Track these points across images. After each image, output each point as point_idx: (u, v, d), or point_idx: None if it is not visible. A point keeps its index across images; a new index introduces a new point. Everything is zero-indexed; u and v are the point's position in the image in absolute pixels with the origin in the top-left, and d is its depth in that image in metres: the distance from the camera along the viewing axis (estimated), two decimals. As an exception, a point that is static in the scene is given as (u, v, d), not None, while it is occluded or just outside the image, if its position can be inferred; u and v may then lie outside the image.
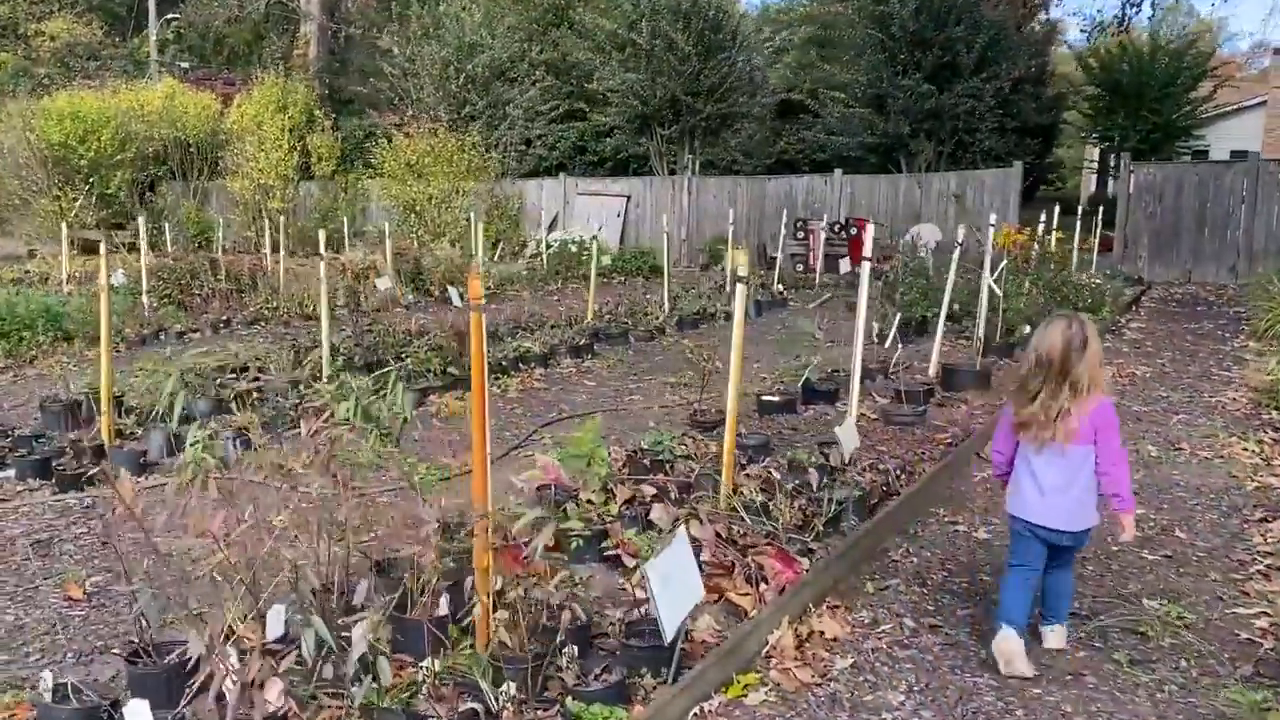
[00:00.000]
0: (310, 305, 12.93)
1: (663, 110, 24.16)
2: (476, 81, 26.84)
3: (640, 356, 10.29)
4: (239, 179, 27.17)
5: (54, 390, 8.62)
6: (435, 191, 17.95)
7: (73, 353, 10.44)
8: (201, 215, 28.53)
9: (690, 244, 23.77)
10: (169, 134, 27.66)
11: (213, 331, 11.70)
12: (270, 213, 27.67)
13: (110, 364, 6.61)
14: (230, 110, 28.35)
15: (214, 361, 8.91)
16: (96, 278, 17.82)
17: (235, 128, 27.78)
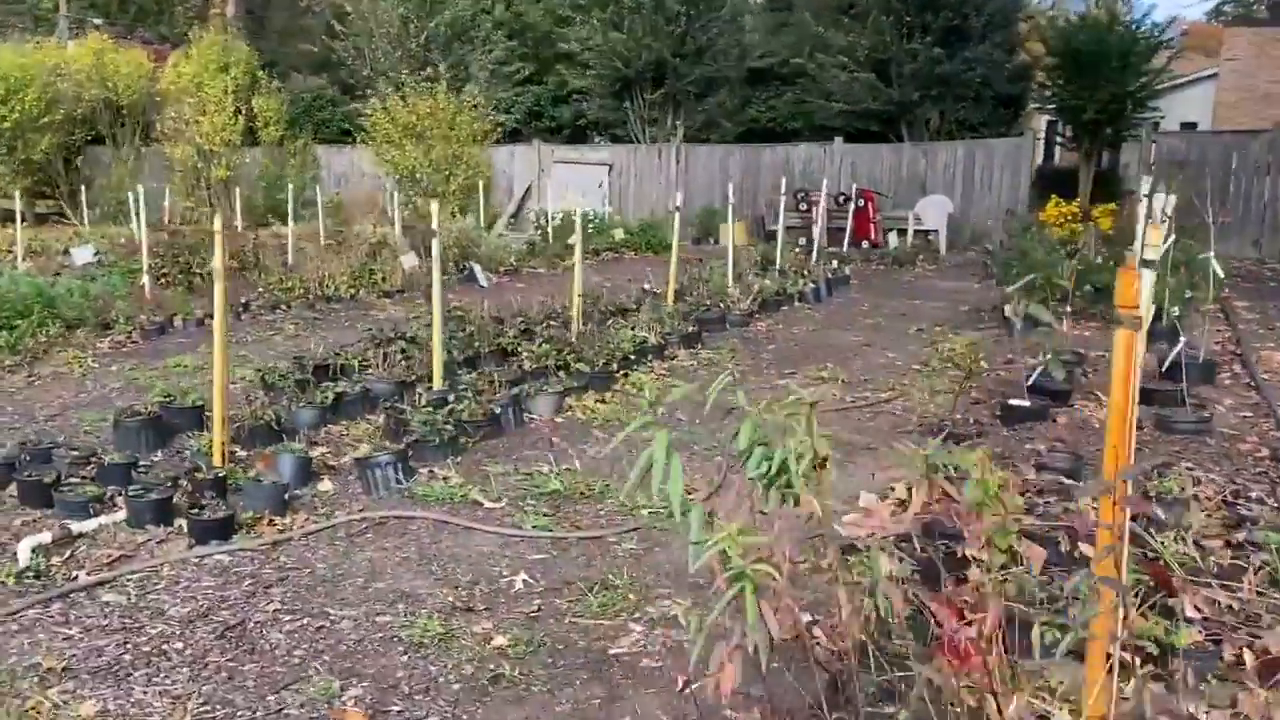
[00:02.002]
0: (331, 285, 11.43)
1: (646, 73, 22.86)
2: (438, 41, 25.10)
3: (753, 345, 9.20)
4: (179, 144, 24.95)
5: (88, 392, 7.14)
6: (437, 157, 16.36)
7: (81, 343, 8.83)
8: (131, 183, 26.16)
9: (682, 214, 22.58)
10: (98, 95, 25.22)
11: (234, 318, 10.14)
12: (213, 181, 25.64)
13: (225, 367, 5.22)
14: (165, 70, 25.98)
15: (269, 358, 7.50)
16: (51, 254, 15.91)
17: (172, 89, 25.46)
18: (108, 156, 27.12)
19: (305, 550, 4.41)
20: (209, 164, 25.34)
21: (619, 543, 4.47)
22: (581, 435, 6.22)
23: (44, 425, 6.49)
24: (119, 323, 9.33)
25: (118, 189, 25.72)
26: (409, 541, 4.50)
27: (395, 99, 17.04)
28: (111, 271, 11.06)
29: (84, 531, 4.54)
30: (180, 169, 25.26)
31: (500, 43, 25.61)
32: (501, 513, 4.84)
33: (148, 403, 6.10)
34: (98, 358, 8.48)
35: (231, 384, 7.33)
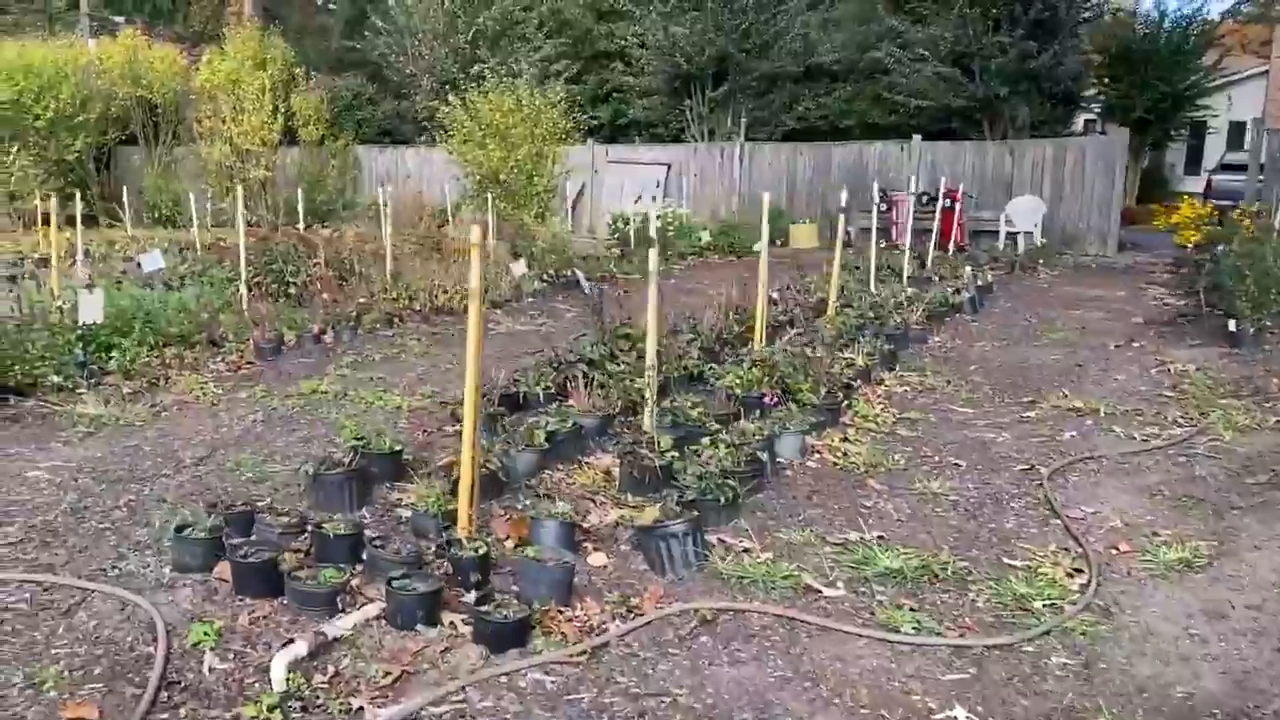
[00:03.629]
0: (439, 296, 10.41)
1: (707, 69, 21.85)
2: (486, 36, 24.10)
3: (952, 365, 8.18)
4: (215, 144, 23.91)
5: (227, 426, 6.11)
6: (523, 157, 15.34)
7: (194, 364, 7.80)
8: (167, 185, 25.16)
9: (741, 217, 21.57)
10: (131, 93, 24.18)
11: (349, 333, 9.12)
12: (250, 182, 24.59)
13: (476, 409, 4.20)
14: (199, 67, 24.93)
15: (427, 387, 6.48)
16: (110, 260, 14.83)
17: (207, 86, 24.41)
18: (139, 157, 26.10)
19: (637, 663, 3.40)
20: (246, 164, 24.33)
21: (1041, 654, 3.44)
22: (852, 486, 5.20)
23: (196, 471, 5.47)
24: (229, 340, 8.30)
25: (151, 190, 24.74)
26: (765, 649, 3.49)
27: (476, 95, 15.97)
28: (202, 281, 10.01)
29: (340, 636, 3.52)
30: (215, 170, 24.25)
31: (553, 38, 24.62)
32: (850, 604, 3.82)
33: (345, 449, 5.05)
34: (218, 381, 7.44)
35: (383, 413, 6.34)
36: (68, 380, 6.83)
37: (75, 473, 5.39)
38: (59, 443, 5.93)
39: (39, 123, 21.77)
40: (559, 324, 10.41)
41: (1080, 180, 18.85)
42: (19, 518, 4.70)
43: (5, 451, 5.71)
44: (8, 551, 4.31)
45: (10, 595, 3.87)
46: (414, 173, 25.18)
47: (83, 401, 6.59)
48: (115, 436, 6.08)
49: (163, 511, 4.73)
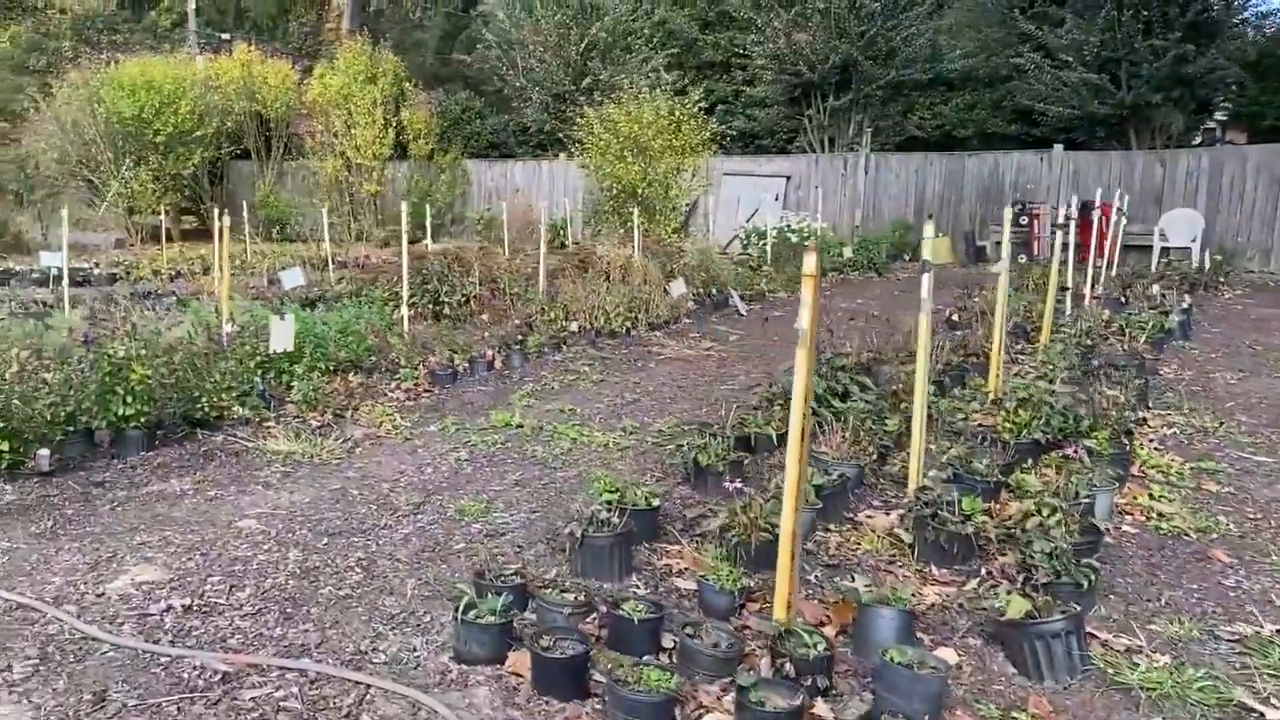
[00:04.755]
0: (599, 316, 9.80)
1: (830, 77, 21.05)
2: (597, 48, 23.65)
3: (1201, 401, 7.28)
4: (329, 158, 23.88)
5: (430, 464, 5.55)
6: (665, 169, 14.74)
7: (374, 392, 7.28)
8: (277, 198, 25.22)
9: (865, 229, 20.70)
10: (246, 107, 24.28)
11: (518, 358, 8.56)
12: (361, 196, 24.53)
13: (802, 475, 3.51)
14: (311, 82, 24.96)
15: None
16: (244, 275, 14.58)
17: (319, 100, 24.42)
18: (251, 170, 26.25)
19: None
20: (358, 178, 24.26)
21: None
22: (1195, 559, 4.40)
23: (417, 521, 4.89)
24: (402, 366, 7.78)
25: (263, 205, 24.76)
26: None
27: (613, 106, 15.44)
28: (361, 302, 9.56)
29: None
30: (328, 184, 24.22)
31: (659, 50, 24.08)
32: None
33: (605, 506, 4.41)
34: (401, 411, 6.91)
35: (590, 452, 5.71)
36: (253, 412, 6.34)
37: (288, 522, 4.85)
38: (259, 484, 5.41)
39: (158, 138, 21.90)
40: (728, 348, 9.73)
41: (1239, 192, 17.60)
42: (247, 581, 4.16)
43: (208, 495, 5.21)
44: (250, 625, 3.76)
45: (276, 688, 3.29)
46: (523, 186, 24.85)
47: (272, 436, 6.09)
48: (316, 477, 5.56)
49: (410, 576, 4.15)
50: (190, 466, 5.60)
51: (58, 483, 5.19)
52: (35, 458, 5.10)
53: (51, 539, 4.58)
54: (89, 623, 3.73)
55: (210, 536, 4.64)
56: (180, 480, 5.39)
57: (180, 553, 4.43)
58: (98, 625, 3.70)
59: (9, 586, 4.06)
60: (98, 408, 5.40)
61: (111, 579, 4.14)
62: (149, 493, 5.20)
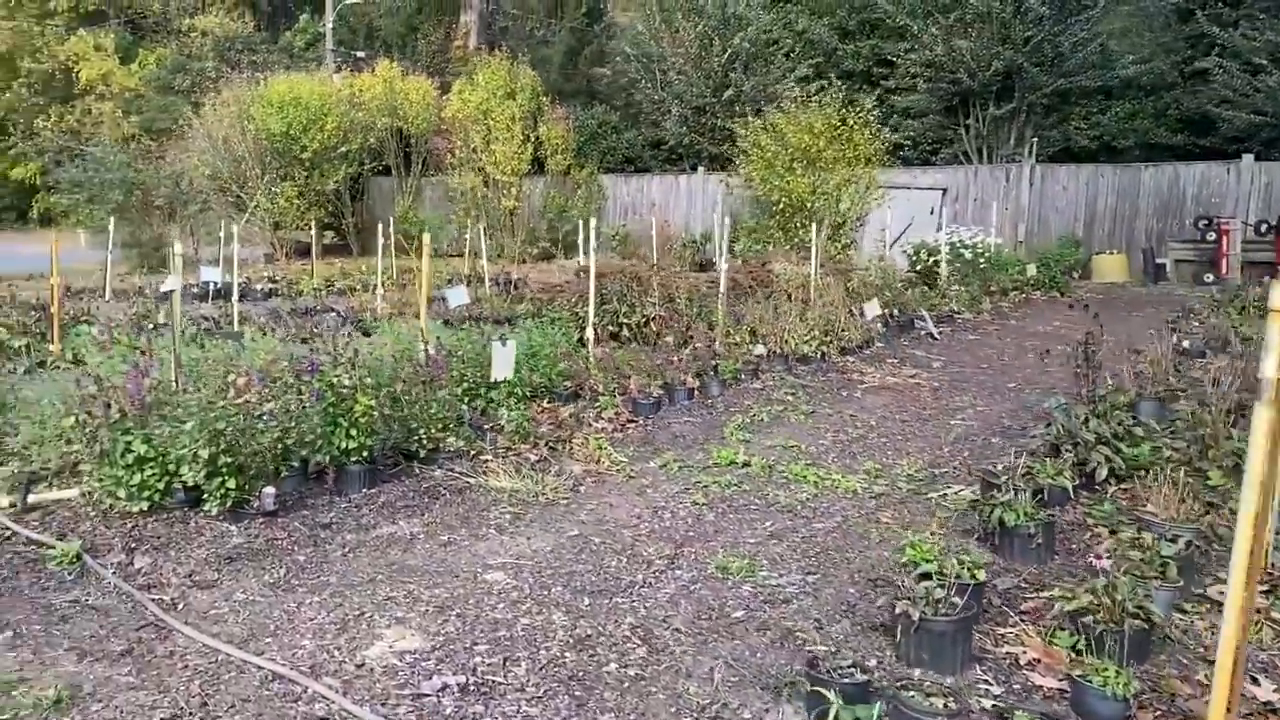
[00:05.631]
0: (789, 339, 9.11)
1: (991, 85, 19.95)
2: (740, 59, 23.03)
3: None
4: (468, 174, 23.85)
5: (669, 513, 4.94)
6: (838, 181, 14.03)
7: (575, 421, 6.74)
8: (416, 214, 25.33)
9: (1029, 245, 19.49)
10: (388, 124, 24.47)
11: (716, 385, 7.94)
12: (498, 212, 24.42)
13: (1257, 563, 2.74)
14: (450, 98, 25.04)
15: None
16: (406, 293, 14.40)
17: (458, 116, 24.45)
18: (389, 186, 26.49)
19: None
20: (496, 193, 24.17)
21: None
22: None
23: (676, 576, 4.29)
24: (602, 394, 7.25)
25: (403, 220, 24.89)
26: None
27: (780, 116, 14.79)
28: (543, 322, 9.09)
29: None
30: (466, 199, 24.19)
31: (803, 59, 23.32)
32: None
33: (926, 579, 3.71)
34: (614, 444, 6.34)
35: (840, 499, 5.01)
36: (467, 444, 5.87)
37: (538, 575, 4.31)
38: (491, 528, 4.90)
39: (305, 154, 22.18)
40: (935, 376, 8.93)
41: None
42: (519, 652, 3.61)
43: (441, 540, 4.72)
44: (540, 713, 3.20)
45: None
46: (659, 201, 24.39)
47: (492, 471, 5.59)
48: (548, 520, 5.02)
49: (699, 653, 3.54)
50: (415, 506, 5.13)
51: (283, 523, 4.77)
52: (260, 495, 4.69)
53: (288, 590, 4.13)
54: (358, 702, 3.23)
55: (459, 592, 4.13)
56: (408, 522, 4.92)
57: (433, 612, 3.92)
58: (370, 708, 3.20)
59: (256, 649, 3.61)
60: (321, 441, 4.97)
61: (367, 644, 3.65)
62: (379, 536, 4.73)
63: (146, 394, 4.94)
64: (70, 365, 8.85)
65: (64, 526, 4.82)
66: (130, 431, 4.83)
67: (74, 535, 4.68)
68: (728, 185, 21.74)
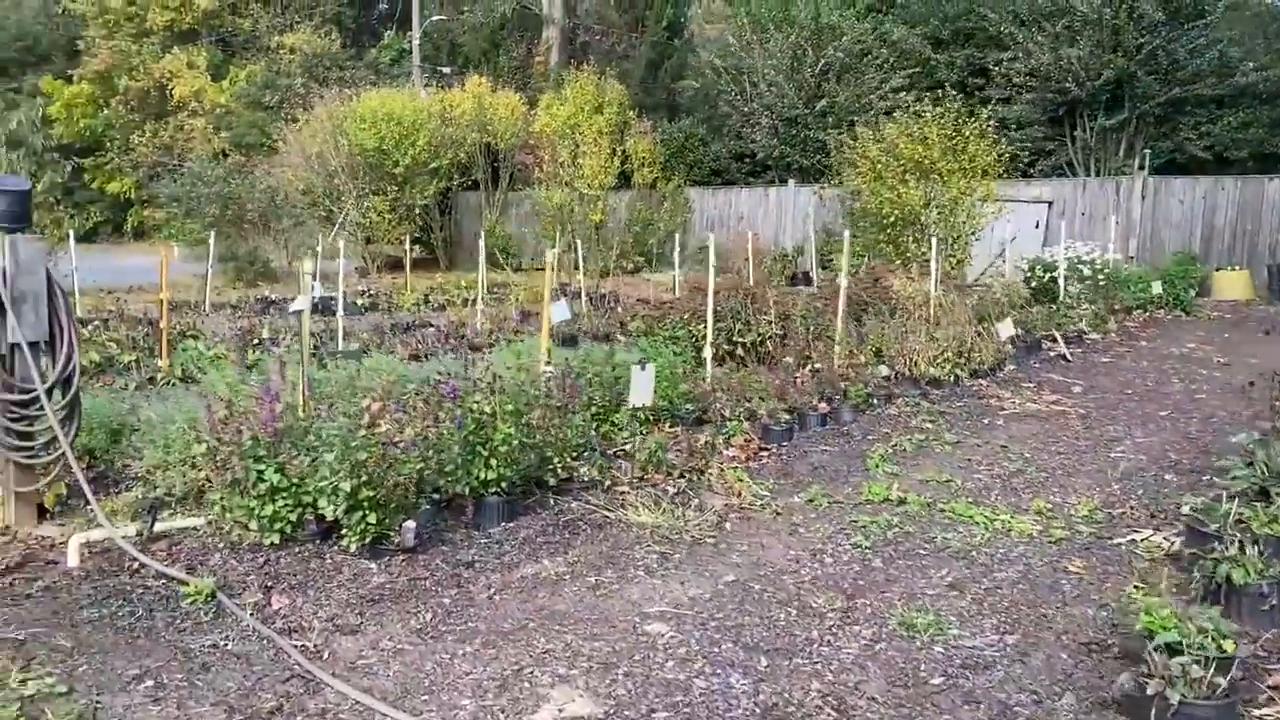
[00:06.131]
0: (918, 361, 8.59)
1: (1100, 94, 19.12)
2: (834, 69, 22.51)
3: None
4: (555, 188, 23.69)
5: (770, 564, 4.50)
6: (956, 193, 13.48)
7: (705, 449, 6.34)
8: (502, 228, 25.29)
9: (1140, 261, 18.56)
10: (478, 139, 24.48)
11: (849, 411, 7.47)
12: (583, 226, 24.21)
13: None
14: (538, 113, 24.98)
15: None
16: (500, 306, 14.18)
17: (545, 130, 24.37)
18: (476, 201, 26.52)
19: None
20: (584, 208, 23.98)
21: None
22: None
23: (862, 640, 3.85)
24: (729, 419, 6.83)
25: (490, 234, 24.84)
26: None
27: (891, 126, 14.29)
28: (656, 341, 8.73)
29: None
30: (553, 213, 24.04)
31: (895, 70, 22.69)
32: None
33: (1172, 652, 3.23)
34: (751, 474, 5.92)
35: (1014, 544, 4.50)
36: (600, 473, 5.52)
37: (701, 628, 3.93)
38: (639, 569, 4.53)
39: (397, 169, 22.26)
40: (1079, 402, 8.34)
41: None
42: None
43: (588, 582, 4.36)
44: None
45: None
46: (747, 214, 23.96)
47: (631, 505, 5.23)
48: (697, 561, 4.64)
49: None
50: (556, 543, 4.79)
51: (424, 561, 4.46)
52: (400, 530, 4.38)
53: (437, 637, 3.81)
54: (537, 781, 2.87)
55: (620, 646, 3.76)
56: (552, 561, 4.57)
57: (598, 670, 3.55)
58: (553, 788, 2.83)
59: (413, 708, 3.28)
60: (461, 472, 4.65)
61: (532, 706, 3.30)
62: (523, 577, 4.39)
63: (278, 419, 4.68)
64: (179, 381, 8.78)
65: (192, 558, 4.58)
66: (263, 459, 4.58)
67: (204, 569, 4.43)
68: (820, 197, 21.24)
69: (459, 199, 26.68)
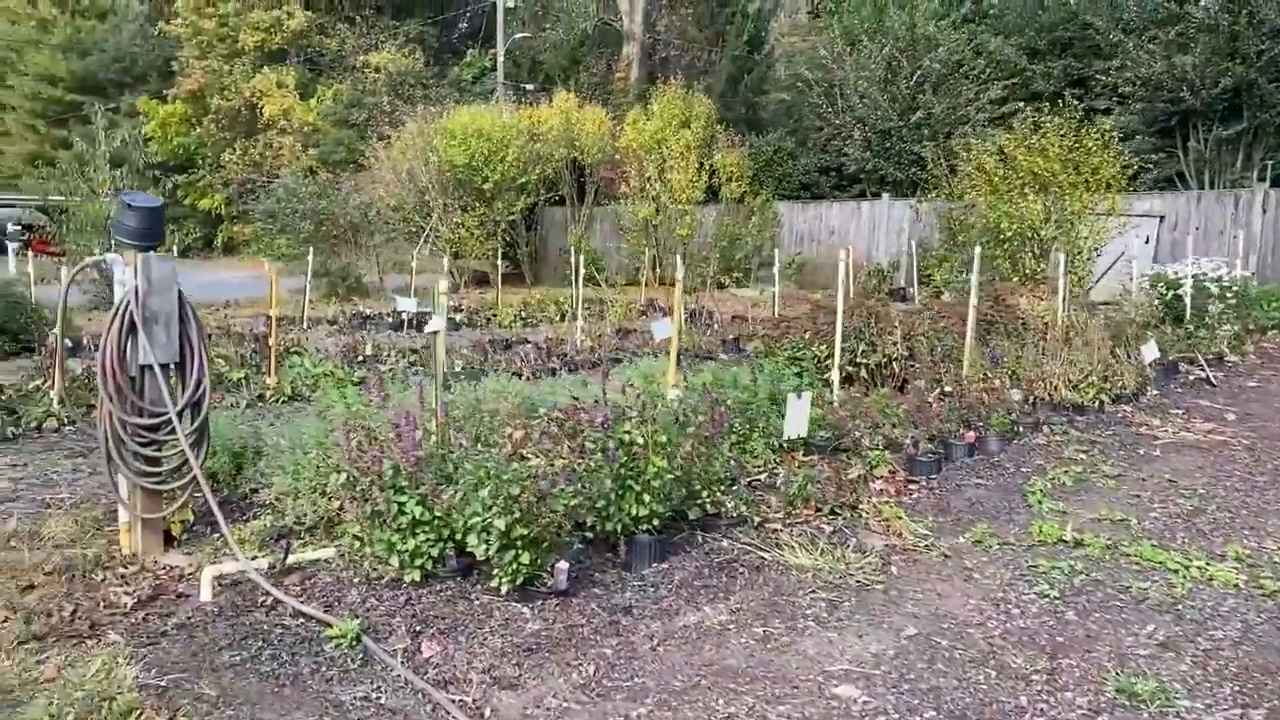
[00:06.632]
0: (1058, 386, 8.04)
1: (1216, 104, 18.21)
2: (929, 80, 21.90)
3: None
4: (642, 203, 23.46)
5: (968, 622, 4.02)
6: (1080, 207, 12.85)
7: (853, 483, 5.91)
8: (588, 244, 25.11)
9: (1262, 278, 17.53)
10: (565, 154, 24.37)
11: (995, 440, 6.98)
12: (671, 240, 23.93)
13: None
14: (624, 128, 24.80)
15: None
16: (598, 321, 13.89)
17: (632, 145, 24.17)
18: (561, 216, 26.44)
19: None
20: (671, 222, 23.69)
21: None
22: None
23: (1077, 709, 3.40)
24: (870, 448, 6.39)
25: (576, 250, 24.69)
26: None
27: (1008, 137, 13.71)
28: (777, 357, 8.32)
29: None
30: (639, 228, 23.80)
31: (991, 81, 21.98)
32: None
33: None
34: (905, 510, 5.47)
35: (1223, 598, 3.98)
36: (749, 507, 5.13)
37: (899, 693, 3.52)
38: (808, 619, 4.14)
39: (486, 185, 22.23)
40: (1238, 430, 7.71)
41: None
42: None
43: (755, 634, 3.97)
44: None
45: None
46: (839, 229, 23.43)
47: (786, 545, 4.84)
48: (869, 611, 4.23)
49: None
50: (714, 587, 4.42)
51: (578, 606, 4.12)
52: (553, 571, 4.05)
53: (604, 695, 3.46)
54: None
55: (810, 712, 3.37)
56: (713, 608, 4.20)
57: (793, 741, 3.16)
58: None
59: (594, 782, 2.92)
60: (613, 508, 4.31)
61: (728, 784, 2.91)
62: (685, 626, 4.03)
63: (418, 447, 4.40)
64: (288, 399, 8.64)
65: (328, 594, 4.32)
66: (404, 490, 4.30)
67: (342, 606, 4.16)
68: (916, 211, 20.65)
69: (544, 214, 26.64)
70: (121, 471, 4.75)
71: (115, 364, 4.65)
